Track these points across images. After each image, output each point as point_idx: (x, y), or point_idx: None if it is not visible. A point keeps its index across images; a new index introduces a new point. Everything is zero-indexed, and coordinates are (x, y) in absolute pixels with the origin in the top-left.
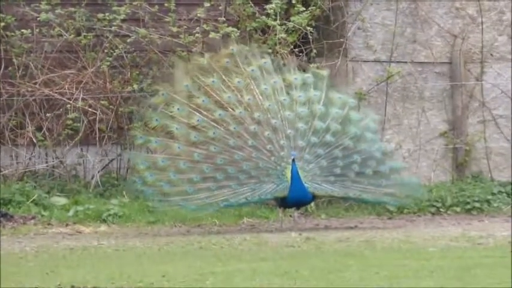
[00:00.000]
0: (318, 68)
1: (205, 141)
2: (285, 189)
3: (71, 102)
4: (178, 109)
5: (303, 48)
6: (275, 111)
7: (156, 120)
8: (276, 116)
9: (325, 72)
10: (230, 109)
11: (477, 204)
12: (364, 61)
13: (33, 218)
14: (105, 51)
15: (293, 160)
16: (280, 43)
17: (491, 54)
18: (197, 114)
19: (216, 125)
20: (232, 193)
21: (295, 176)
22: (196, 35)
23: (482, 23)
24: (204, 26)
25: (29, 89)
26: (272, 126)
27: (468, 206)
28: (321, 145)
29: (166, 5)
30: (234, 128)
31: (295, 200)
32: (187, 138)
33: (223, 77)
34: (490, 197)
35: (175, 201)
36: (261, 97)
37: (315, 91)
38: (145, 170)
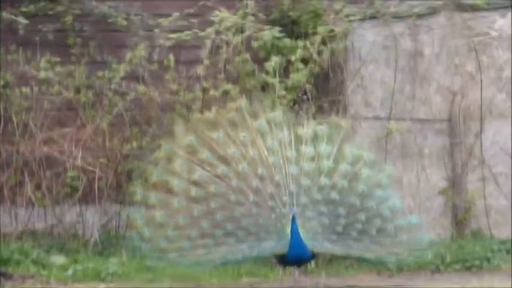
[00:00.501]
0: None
1: (206, 196)
2: (284, 246)
3: (70, 160)
4: (180, 164)
5: (302, 105)
6: (279, 166)
7: (157, 175)
8: (280, 171)
9: (344, 123)
10: (234, 164)
11: (477, 262)
12: (364, 118)
13: (32, 277)
14: (105, 109)
15: (293, 217)
16: (279, 98)
17: (491, 112)
18: (199, 169)
19: (218, 180)
20: (230, 250)
21: (295, 234)
22: (196, 92)
23: (481, 80)
24: (204, 83)
25: (28, 147)
26: (275, 182)
27: (468, 264)
28: (325, 202)
29: (165, 62)
30: (236, 184)
31: (295, 257)
32: (188, 194)
33: (229, 131)
34: (489, 254)
35: (172, 258)
36: (266, 152)
37: (326, 145)
38: (143, 226)
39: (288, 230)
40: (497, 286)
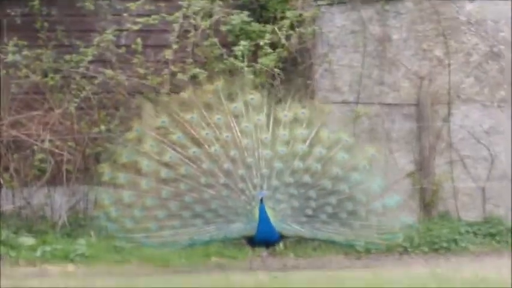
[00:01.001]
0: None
1: (176, 178)
2: (252, 228)
3: (38, 143)
4: (151, 145)
5: (270, 89)
6: (252, 149)
7: (126, 156)
8: (252, 154)
9: (327, 108)
10: (206, 146)
11: (444, 244)
12: (332, 102)
13: (1, 258)
14: (72, 92)
15: (261, 200)
16: (247, 84)
17: (459, 96)
18: (170, 150)
19: (188, 162)
20: (197, 231)
21: (262, 216)
22: (164, 76)
23: (449, 64)
24: (172, 67)
25: None
26: (247, 165)
27: (436, 246)
28: (296, 185)
29: (133, 46)
30: (207, 166)
31: (263, 239)
32: (157, 175)
33: (204, 113)
34: (457, 236)
35: (138, 238)
36: (240, 135)
37: (303, 129)
38: (110, 206)
39: (257, 212)
40: (465, 268)
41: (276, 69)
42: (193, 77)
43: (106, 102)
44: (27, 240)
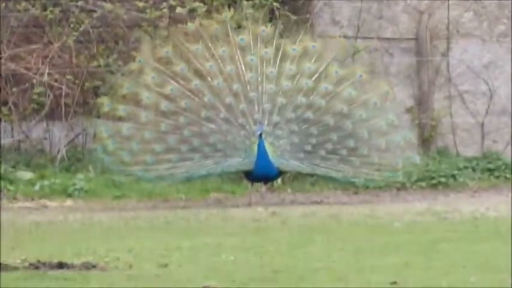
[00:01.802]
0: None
1: (176, 111)
2: (250, 163)
3: (37, 77)
4: (152, 77)
5: (270, 24)
6: (256, 83)
7: (127, 87)
8: (255, 89)
9: (343, 42)
10: (209, 79)
11: (443, 179)
12: (331, 37)
13: None
14: (71, 26)
15: (260, 135)
16: (247, 18)
17: (458, 31)
18: (172, 82)
19: (190, 94)
20: (194, 165)
21: (261, 151)
22: (163, 9)
23: None
24: (171, 0)
25: None
26: (249, 100)
27: (434, 181)
28: (298, 121)
29: None
30: (209, 99)
31: (261, 174)
32: (157, 108)
33: (210, 44)
34: (455, 172)
35: (134, 171)
36: (244, 68)
37: (311, 64)
38: (108, 138)
39: (255, 147)
40: (464, 204)
41: (275, 3)
42: (192, 11)
43: (105, 36)
44: (26, 174)
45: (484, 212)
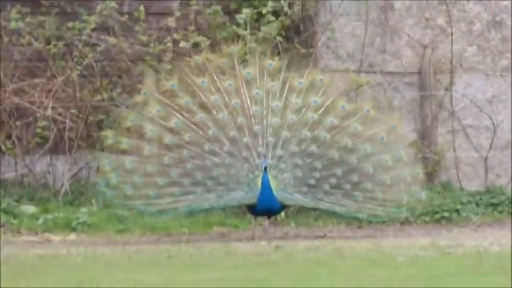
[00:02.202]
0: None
1: (180, 144)
2: (253, 197)
3: (41, 110)
4: (158, 110)
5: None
6: (261, 117)
7: (131, 120)
8: (260, 122)
9: (352, 75)
10: (214, 112)
11: (446, 214)
12: (334, 71)
13: (3, 226)
14: (75, 60)
15: (264, 168)
16: (250, 52)
17: (461, 65)
18: (176, 115)
19: (194, 128)
20: (196, 199)
21: (265, 185)
22: (167, 44)
23: (452, 33)
24: (175, 35)
25: None
26: (253, 133)
27: (437, 216)
28: (302, 155)
29: (136, 14)
30: (213, 133)
31: (264, 208)
32: (161, 141)
33: (215, 78)
34: (459, 206)
35: (136, 205)
36: (249, 101)
37: (318, 97)
38: (111, 172)
39: (259, 181)
40: (467, 239)
41: (278, 37)
42: (196, 45)
43: (108, 70)
44: (29, 208)
45: (487, 246)
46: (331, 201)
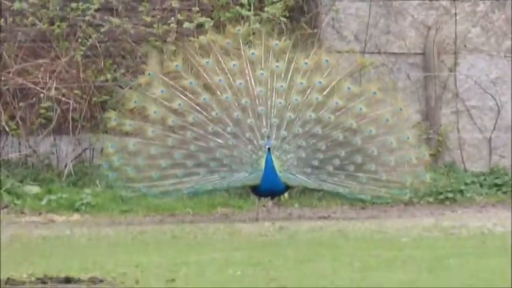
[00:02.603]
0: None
1: (183, 126)
2: (257, 178)
3: (44, 91)
4: (161, 91)
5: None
6: (265, 98)
7: (135, 101)
8: (264, 103)
9: (368, 61)
10: (218, 93)
11: (450, 195)
12: (338, 52)
13: (6, 206)
14: (79, 40)
15: (268, 149)
16: (254, 33)
17: (465, 46)
18: (180, 96)
19: (198, 109)
20: (200, 180)
21: (268, 166)
22: (171, 24)
23: (456, 14)
24: (178, 15)
25: (2, 78)
26: (257, 114)
27: (441, 196)
28: (305, 136)
29: None
30: (216, 114)
31: (267, 189)
32: (165, 123)
33: (220, 58)
34: (463, 187)
35: (139, 187)
36: (253, 82)
37: (322, 79)
38: (114, 154)
39: (263, 162)
40: (471, 219)
41: (282, 18)
42: (200, 26)
43: (112, 51)
44: (33, 189)
45: (491, 227)
46: (335, 183)
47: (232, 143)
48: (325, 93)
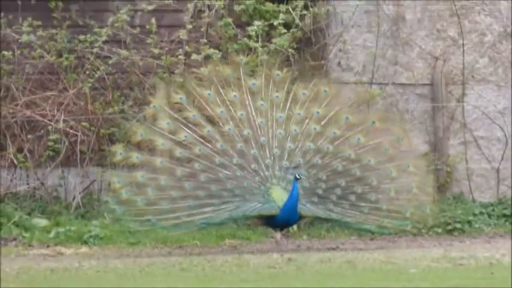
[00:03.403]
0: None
1: (190, 158)
2: (271, 208)
3: (52, 123)
4: (167, 123)
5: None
6: (266, 128)
7: (142, 134)
8: (265, 133)
9: (376, 92)
10: (221, 124)
11: (458, 225)
12: (346, 83)
13: (14, 239)
14: (87, 72)
15: (295, 178)
16: (261, 65)
17: (473, 76)
18: (185, 129)
19: (203, 141)
20: (213, 211)
21: (294, 196)
22: (178, 56)
23: (463, 44)
24: (186, 47)
25: (11, 110)
26: (260, 144)
27: (449, 227)
28: (307, 166)
29: (147, 26)
30: (221, 146)
31: (285, 219)
32: (172, 154)
33: (220, 89)
34: (471, 217)
35: (149, 220)
36: (254, 113)
37: (320, 109)
38: (121, 188)
39: (274, 193)
40: (479, 250)
41: (290, 50)
42: (208, 58)
43: (120, 83)
44: (41, 221)
45: (499, 258)
46: (340, 212)
47: (240, 175)
48: (322, 123)
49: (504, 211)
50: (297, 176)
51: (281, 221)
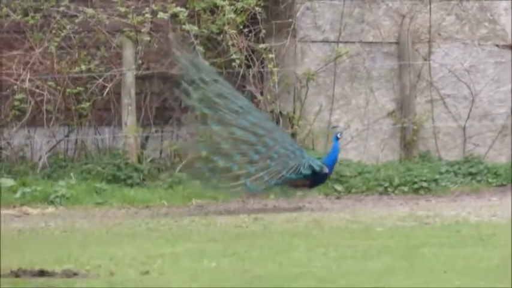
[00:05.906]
0: (266, 48)
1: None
2: (320, 165)
3: (18, 83)
4: None
5: (251, 28)
6: None
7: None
8: None
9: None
10: None
11: (425, 184)
12: (313, 41)
13: None
14: (53, 31)
15: (336, 138)
16: (228, 23)
17: (439, 34)
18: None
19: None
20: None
21: (337, 152)
22: (145, 15)
23: (430, 2)
24: (153, 6)
25: None
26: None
27: (416, 186)
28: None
29: None
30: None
31: (329, 174)
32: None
33: None
34: (437, 176)
35: (244, 185)
36: None
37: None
38: (211, 154)
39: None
40: (445, 209)
41: (257, 8)
42: (174, 16)
43: (87, 42)
44: (7, 181)
45: (465, 216)
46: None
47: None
48: None
49: (470, 169)
50: (338, 136)
51: (327, 177)
